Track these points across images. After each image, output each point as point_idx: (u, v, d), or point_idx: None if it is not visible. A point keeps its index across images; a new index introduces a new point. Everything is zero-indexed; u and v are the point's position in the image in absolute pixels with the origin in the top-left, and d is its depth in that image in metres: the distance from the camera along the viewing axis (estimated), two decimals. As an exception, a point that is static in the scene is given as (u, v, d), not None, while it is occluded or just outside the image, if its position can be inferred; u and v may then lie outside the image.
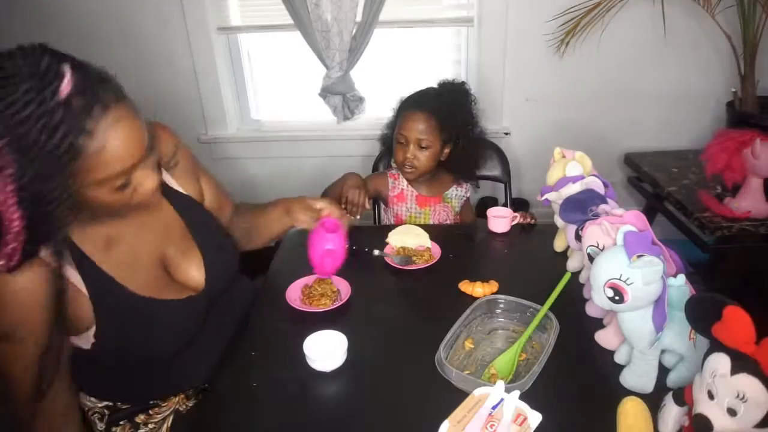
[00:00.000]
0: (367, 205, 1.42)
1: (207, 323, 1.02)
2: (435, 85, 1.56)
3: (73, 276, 0.84)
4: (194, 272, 0.99)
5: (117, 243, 0.89)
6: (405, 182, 1.59)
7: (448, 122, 1.48)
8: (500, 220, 1.39)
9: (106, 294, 0.86)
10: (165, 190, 0.98)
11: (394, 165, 1.64)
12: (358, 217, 1.42)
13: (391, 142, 1.56)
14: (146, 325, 0.91)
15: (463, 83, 1.57)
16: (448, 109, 1.48)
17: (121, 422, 1.00)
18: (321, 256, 1.11)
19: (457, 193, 1.63)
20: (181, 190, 1.02)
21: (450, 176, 1.62)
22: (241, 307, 1.12)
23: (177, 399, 1.03)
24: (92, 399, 1.01)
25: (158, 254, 0.95)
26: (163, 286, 0.94)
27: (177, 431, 1.01)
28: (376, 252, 1.29)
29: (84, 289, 0.84)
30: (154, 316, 0.91)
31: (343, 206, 1.41)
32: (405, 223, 1.56)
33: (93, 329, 0.86)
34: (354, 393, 0.92)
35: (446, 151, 1.54)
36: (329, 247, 1.10)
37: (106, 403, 1.01)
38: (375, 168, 1.79)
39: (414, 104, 1.51)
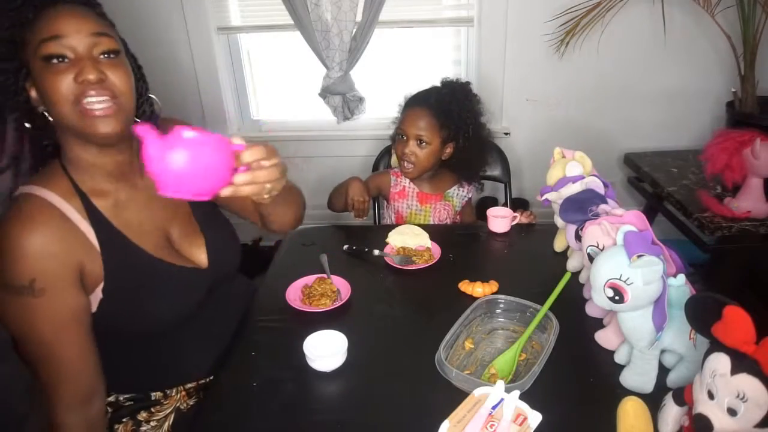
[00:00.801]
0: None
1: (206, 318, 1.02)
2: (439, 84, 1.57)
3: (86, 228, 0.84)
4: (198, 255, 1.00)
5: (125, 209, 0.91)
6: (407, 180, 1.59)
7: (448, 120, 1.49)
8: (500, 220, 1.39)
9: (117, 249, 0.87)
10: None
11: (394, 165, 1.65)
12: (365, 217, 1.48)
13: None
14: (153, 285, 0.92)
15: (467, 83, 1.57)
16: (448, 108, 1.49)
17: (124, 419, 1.00)
18: (164, 161, 0.64)
19: (459, 193, 1.63)
20: None
21: (453, 175, 1.62)
22: (240, 306, 1.12)
23: (178, 396, 1.03)
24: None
25: (164, 231, 0.97)
26: (170, 253, 0.95)
27: (178, 429, 1.02)
28: (376, 252, 1.29)
29: (95, 241, 0.85)
30: (162, 278, 0.93)
31: (351, 211, 1.48)
32: (405, 220, 1.57)
33: (102, 285, 0.86)
34: (354, 393, 0.92)
35: (448, 150, 1.54)
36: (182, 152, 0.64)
37: (108, 399, 1.01)
38: (375, 168, 1.79)
39: (415, 101, 1.54)
